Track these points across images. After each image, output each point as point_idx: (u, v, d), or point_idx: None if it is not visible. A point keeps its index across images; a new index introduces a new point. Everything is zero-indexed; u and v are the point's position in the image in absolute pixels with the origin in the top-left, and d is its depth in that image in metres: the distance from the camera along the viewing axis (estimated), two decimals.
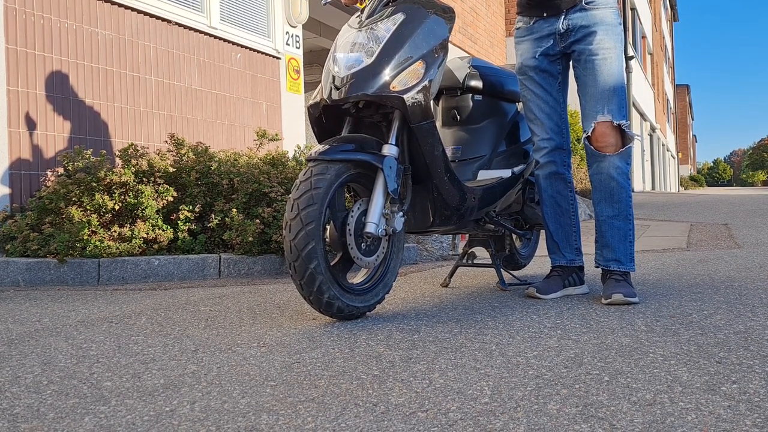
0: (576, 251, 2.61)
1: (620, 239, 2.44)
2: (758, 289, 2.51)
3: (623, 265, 2.43)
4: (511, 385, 1.39)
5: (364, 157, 2.10)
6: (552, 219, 2.62)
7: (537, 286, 2.51)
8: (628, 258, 2.44)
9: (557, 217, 2.61)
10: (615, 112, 2.37)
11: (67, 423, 1.25)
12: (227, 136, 5.23)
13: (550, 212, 2.62)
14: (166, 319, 2.27)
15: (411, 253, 3.97)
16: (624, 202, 2.43)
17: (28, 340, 1.99)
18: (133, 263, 3.31)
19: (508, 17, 12.44)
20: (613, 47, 2.42)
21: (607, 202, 2.44)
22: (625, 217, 2.44)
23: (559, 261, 2.61)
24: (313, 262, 1.96)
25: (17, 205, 3.68)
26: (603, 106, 2.38)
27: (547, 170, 2.59)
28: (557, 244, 2.61)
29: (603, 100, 2.39)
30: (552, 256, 2.64)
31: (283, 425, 1.20)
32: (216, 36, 5.17)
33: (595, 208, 2.52)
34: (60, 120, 3.94)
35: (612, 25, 2.44)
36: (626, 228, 2.44)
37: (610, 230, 2.45)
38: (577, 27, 2.45)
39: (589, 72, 2.42)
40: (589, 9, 2.44)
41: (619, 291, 2.28)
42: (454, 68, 2.85)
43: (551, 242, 2.63)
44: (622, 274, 2.42)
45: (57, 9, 3.96)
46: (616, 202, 2.42)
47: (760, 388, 1.32)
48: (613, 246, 2.44)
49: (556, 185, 2.59)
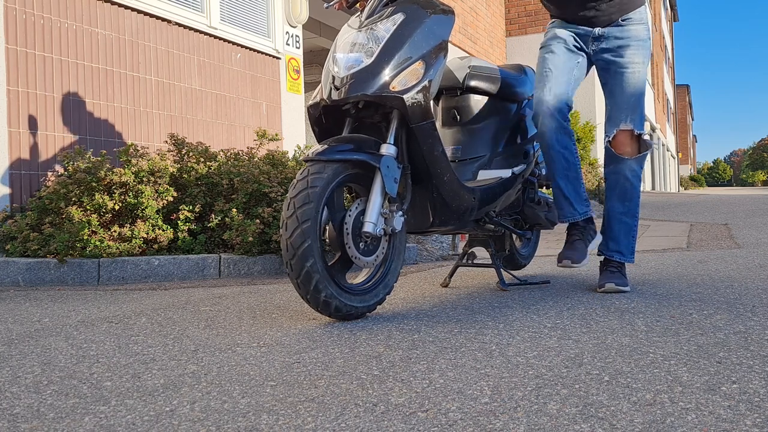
0: (585, 202, 2.65)
1: (625, 233, 2.63)
2: (758, 289, 2.51)
3: (624, 257, 2.63)
4: (511, 385, 1.39)
5: (361, 157, 2.09)
6: (561, 175, 2.60)
7: (569, 257, 2.55)
8: (630, 251, 2.64)
9: (565, 171, 2.60)
10: (636, 123, 2.57)
11: (67, 423, 1.25)
12: (227, 136, 5.23)
13: (559, 168, 2.59)
14: (166, 319, 2.27)
15: (411, 253, 3.97)
16: (634, 201, 2.63)
17: (28, 340, 1.99)
18: (133, 263, 3.31)
19: (508, 17, 12.44)
20: (642, 62, 2.59)
21: (619, 200, 2.63)
22: (633, 215, 2.63)
23: (574, 216, 2.62)
24: (309, 260, 1.96)
25: (17, 205, 3.68)
26: (626, 116, 2.56)
27: (554, 123, 2.55)
28: (569, 200, 2.61)
29: (627, 110, 2.57)
30: (564, 212, 2.64)
31: (283, 425, 1.20)
32: (216, 36, 5.17)
33: (606, 202, 2.68)
34: (60, 120, 3.94)
35: (643, 41, 2.60)
36: (632, 224, 2.64)
37: (618, 224, 2.63)
38: (611, 37, 2.60)
39: (618, 83, 2.59)
40: (624, 24, 2.59)
41: (612, 281, 2.52)
42: (454, 68, 2.85)
43: (562, 200, 2.63)
44: (618, 266, 2.61)
45: (57, 9, 3.96)
46: (628, 201, 2.62)
47: (760, 388, 1.32)
48: (618, 239, 2.63)
49: (562, 139, 2.57)
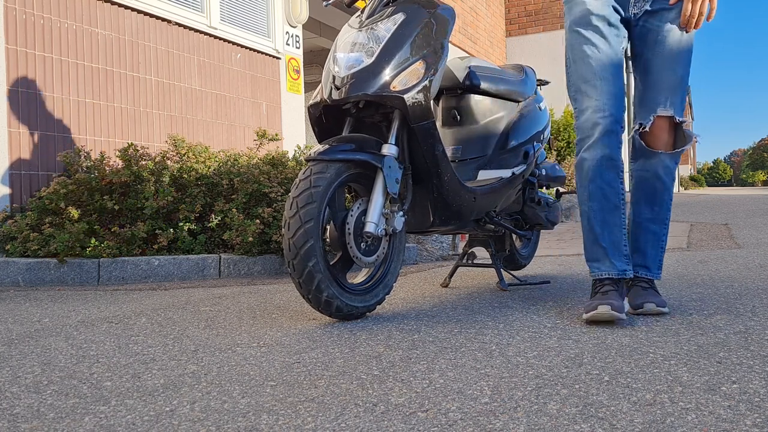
0: (625, 258, 2.08)
1: (653, 244, 2.19)
2: (758, 289, 2.50)
3: (650, 272, 2.18)
4: (511, 385, 1.39)
5: (363, 157, 2.10)
6: (598, 218, 2.07)
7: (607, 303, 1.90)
8: (657, 265, 2.20)
9: (605, 214, 2.07)
10: (677, 107, 2.08)
11: (67, 423, 1.25)
12: (227, 136, 5.23)
13: (596, 208, 2.07)
14: (166, 319, 2.27)
15: (411, 253, 3.97)
16: (665, 206, 2.20)
17: (28, 340, 1.99)
18: (133, 263, 3.31)
19: (508, 17, 12.44)
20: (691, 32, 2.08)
21: (647, 203, 2.19)
22: (663, 222, 2.20)
23: (606, 271, 2.06)
24: (311, 260, 1.96)
25: (17, 205, 3.68)
26: (666, 98, 2.07)
27: (598, 152, 2.03)
28: (604, 250, 2.06)
29: (667, 90, 2.07)
30: (594, 265, 2.09)
31: (283, 425, 1.20)
32: (216, 36, 5.17)
33: (632, 207, 2.24)
34: (60, 120, 3.94)
35: None
36: (661, 233, 2.20)
37: (645, 234, 2.20)
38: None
39: (658, 54, 2.08)
40: None
41: (650, 300, 2.05)
42: (454, 68, 2.85)
43: (595, 247, 2.08)
44: (648, 281, 2.16)
45: (57, 9, 3.96)
46: (657, 205, 2.19)
47: (760, 388, 1.32)
48: (645, 251, 2.19)
49: (606, 174, 2.05)
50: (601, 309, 1.88)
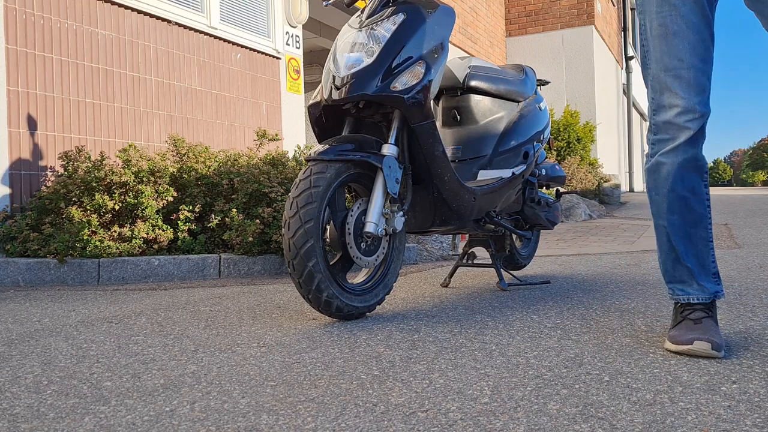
0: (714, 278, 1.72)
1: None
2: (758, 289, 2.50)
3: None
4: (511, 385, 1.39)
5: (363, 157, 2.10)
6: (680, 231, 1.69)
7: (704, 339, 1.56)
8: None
9: (687, 228, 1.68)
10: None
11: (67, 423, 1.25)
12: (227, 136, 5.23)
13: (677, 222, 1.68)
14: (166, 319, 2.27)
15: (411, 253, 3.97)
16: None
17: (28, 340, 1.99)
18: (133, 263, 3.31)
19: (508, 17, 12.43)
20: None
21: None
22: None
23: (694, 295, 1.69)
24: (311, 260, 1.96)
25: (17, 205, 3.68)
26: None
27: (681, 155, 1.64)
28: (689, 271, 1.69)
29: None
30: (677, 287, 1.73)
31: (283, 425, 1.20)
32: (216, 36, 5.17)
33: None
34: (60, 120, 3.94)
35: None
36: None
37: None
38: None
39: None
40: None
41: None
42: (454, 68, 2.85)
43: (678, 267, 1.71)
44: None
45: (57, 9, 3.96)
46: None
47: (760, 388, 1.32)
48: None
49: (689, 179, 1.66)
50: (698, 345, 1.56)
